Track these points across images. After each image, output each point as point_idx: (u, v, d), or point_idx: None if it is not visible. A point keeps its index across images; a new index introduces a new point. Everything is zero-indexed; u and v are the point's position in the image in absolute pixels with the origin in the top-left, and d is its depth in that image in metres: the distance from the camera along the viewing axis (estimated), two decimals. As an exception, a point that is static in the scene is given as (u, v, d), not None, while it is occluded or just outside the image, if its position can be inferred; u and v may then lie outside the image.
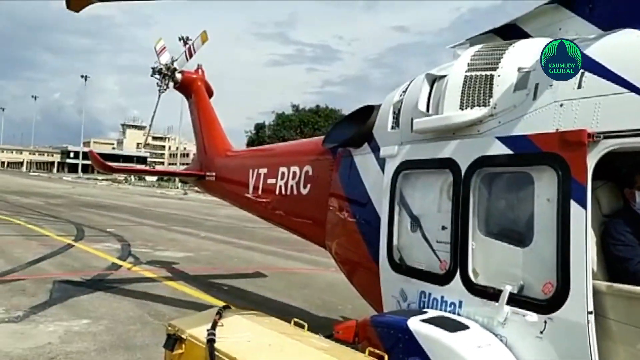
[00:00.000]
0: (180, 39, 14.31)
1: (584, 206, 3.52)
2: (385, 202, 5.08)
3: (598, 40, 3.91)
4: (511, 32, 5.02)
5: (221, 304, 6.20)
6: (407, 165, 4.93)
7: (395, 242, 4.96)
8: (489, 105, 4.24)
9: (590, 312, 3.45)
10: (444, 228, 4.51)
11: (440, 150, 4.57)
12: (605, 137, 3.50)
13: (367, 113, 5.81)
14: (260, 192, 8.19)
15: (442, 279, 4.43)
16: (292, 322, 5.04)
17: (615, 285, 3.57)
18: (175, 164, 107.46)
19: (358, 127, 5.82)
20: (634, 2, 4.06)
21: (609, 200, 3.96)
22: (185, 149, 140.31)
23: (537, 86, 3.99)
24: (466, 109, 4.34)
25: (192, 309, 8.85)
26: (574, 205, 3.57)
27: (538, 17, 4.82)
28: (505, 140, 4.09)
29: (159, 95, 11.45)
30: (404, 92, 5.22)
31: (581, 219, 3.52)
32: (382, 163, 5.30)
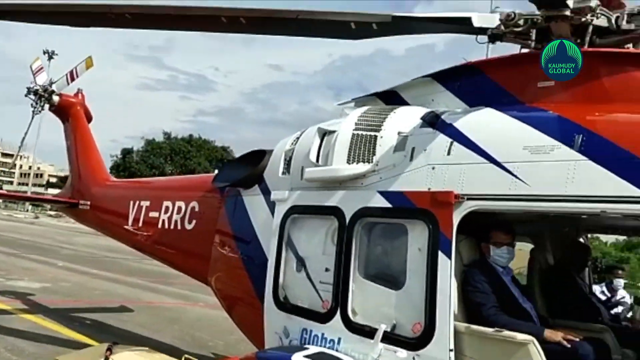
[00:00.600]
0: (44, 53, 13.74)
1: (449, 257, 4.11)
2: (273, 242, 5.39)
3: (465, 114, 4.62)
4: (391, 97, 5.68)
5: (84, 339, 6.04)
6: (296, 210, 5.30)
7: (281, 281, 5.27)
8: (372, 162, 4.77)
9: (452, 350, 3.99)
10: (327, 270, 4.91)
11: (327, 198, 5.00)
12: (468, 199, 4.14)
13: (258, 156, 6.14)
14: (140, 224, 8.10)
15: (324, 317, 4.80)
16: (184, 359, 5.11)
17: (472, 326, 4.17)
18: (27, 184, 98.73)
19: (249, 169, 6.11)
20: (493, 85, 4.86)
21: (468, 252, 4.61)
22: (39, 168, 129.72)
23: (413, 149, 4.59)
24: (352, 163, 4.84)
25: (53, 345, 8.35)
26: (441, 256, 4.14)
27: (414, 87, 5.53)
28: (385, 194, 4.62)
29: (32, 117, 10.87)
30: (296, 141, 5.63)
31: (446, 267, 4.10)
32: (271, 205, 5.62)
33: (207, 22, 5.51)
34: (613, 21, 4.51)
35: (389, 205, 4.58)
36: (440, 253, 4.15)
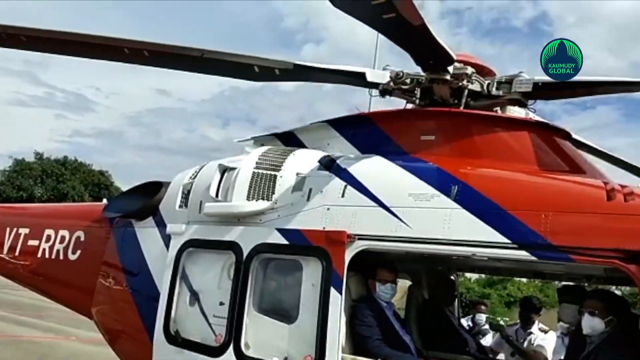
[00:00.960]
0: None
1: (340, 292, 4.42)
2: (167, 275, 5.40)
3: (357, 160, 5.03)
4: (289, 138, 6.02)
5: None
6: (193, 244, 5.37)
7: (173, 314, 5.27)
8: (271, 200, 5.02)
9: (339, 380, 4.27)
10: (222, 304, 5.02)
11: (225, 233, 5.15)
12: (359, 239, 4.50)
13: (154, 188, 6.13)
14: (18, 253, 7.61)
15: (216, 351, 4.88)
16: None
17: (359, 358, 4.49)
18: None
19: (144, 200, 6.08)
20: (382, 135, 5.35)
21: (356, 288, 4.97)
22: None
23: (310, 190, 4.91)
24: (252, 200, 5.05)
25: None
26: (332, 291, 4.44)
27: (311, 131, 5.91)
28: (282, 231, 4.87)
29: None
30: (195, 175, 5.73)
31: (337, 302, 4.41)
32: (166, 238, 5.64)
33: (108, 51, 5.51)
34: (485, 87, 5.22)
35: (285, 242, 4.83)
36: (332, 289, 4.45)
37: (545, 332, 6.58)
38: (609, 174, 5.06)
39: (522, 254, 3.95)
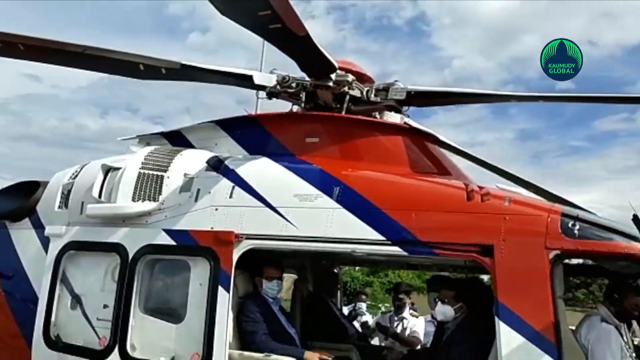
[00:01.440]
0: None
1: (228, 290, 4.56)
2: (46, 279, 5.22)
3: (245, 161, 5.18)
4: (176, 138, 6.02)
5: None
6: (74, 246, 5.23)
7: (53, 319, 5.11)
8: (158, 200, 5.03)
9: (225, 376, 4.42)
10: (105, 307, 4.96)
11: (110, 235, 5.08)
12: (247, 238, 4.67)
13: (30, 188, 5.86)
14: None
15: (101, 354, 4.83)
16: None
17: (245, 353, 4.67)
18: None
19: (19, 200, 5.79)
20: (269, 137, 5.54)
21: (243, 285, 5.12)
22: None
23: (198, 191, 4.99)
24: (138, 201, 5.03)
25: None
26: (220, 290, 4.57)
27: (199, 131, 5.95)
28: (170, 232, 4.91)
29: None
30: (75, 175, 5.56)
31: (225, 300, 4.54)
32: (44, 240, 5.43)
33: None
34: (364, 93, 5.57)
35: (173, 242, 4.87)
36: (220, 287, 4.58)
37: (416, 317, 7.18)
38: (470, 174, 5.62)
39: (395, 250, 4.34)
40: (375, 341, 7.42)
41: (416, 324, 7.05)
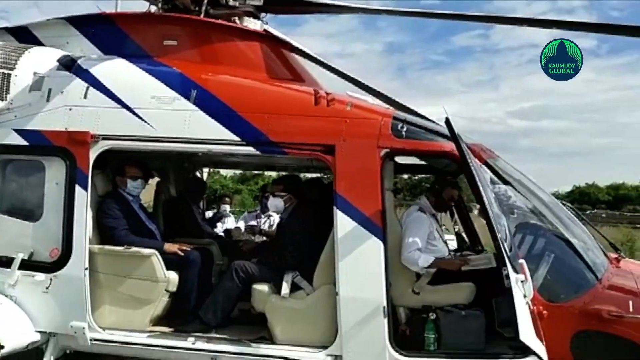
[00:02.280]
0: None
1: (86, 189, 4.70)
2: None
3: (100, 61, 5.14)
4: (23, 34, 5.71)
5: None
6: None
7: None
8: (6, 100, 4.89)
9: (87, 268, 4.65)
10: None
11: None
12: (103, 139, 4.76)
13: None
14: None
15: None
16: None
17: (106, 247, 4.91)
18: None
19: None
20: (125, 37, 5.47)
21: (103, 184, 5.22)
22: None
23: (50, 90, 4.92)
24: None
25: None
26: (78, 189, 4.69)
27: (49, 28, 5.69)
28: (22, 132, 4.85)
29: None
30: None
31: (83, 199, 4.68)
32: None
33: None
34: (223, -4, 5.62)
35: (25, 143, 4.83)
36: (77, 186, 4.69)
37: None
38: (323, 82, 6.04)
39: (250, 150, 4.72)
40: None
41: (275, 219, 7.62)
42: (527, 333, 3.74)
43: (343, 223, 4.46)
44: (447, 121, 4.13)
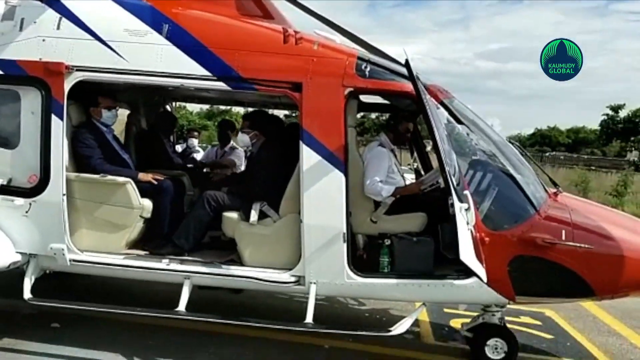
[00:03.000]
0: None
1: (62, 118, 4.88)
2: None
3: None
4: None
5: None
6: None
7: None
8: None
9: (64, 194, 4.91)
10: None
11: None
12: (77, 70, 4.90)
13: None
14: None
15: None
16: None
17: (82, 174, 5.16)
18: None
19: None
20: None
21: (77, 115, 5.40)
22: None
23: (22, 20, 5.00)
24: None
25: None
26: (54, 118, 4.87)
27: None
28: None
29: None
30: None
31: (59, 128, 4.88)
32: None
33: None
34: None
35: (0, 72, 4.93)
36: (53, 116, 4.87)
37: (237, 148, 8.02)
38: (292, 19, 6.18)
39: (220, 85, 4.95)
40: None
41: (236, 152, 7.92)
42: (468, 255, 4.21)
43: (308, 157, 4.79)
44: (407, 63, 4.43)
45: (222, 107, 37.03)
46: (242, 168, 7.40)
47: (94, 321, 5.50)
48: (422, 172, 6.92)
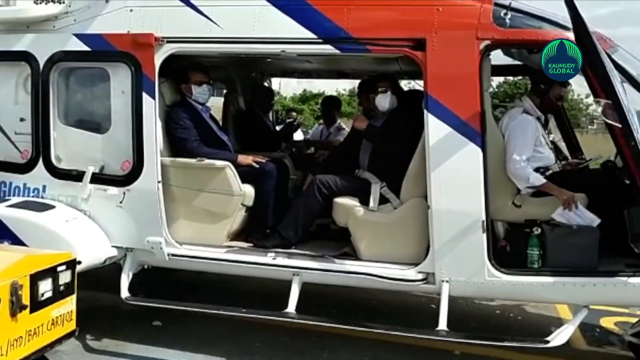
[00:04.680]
0: None
1: (153, 97, 4.36)
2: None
3: None
4: None
5: None
6: (-24, 58, 4.74)
7: None
8: (63, 2, 4.53)
9: (159, 182, 4.40)
10: (22, 120, 4.67)
11: (14, 43, 4.62)
12: (168, 42, 4.34)
13: None
14: None
15: (24, 168, 4.65)
16: None
17: (177, 159, 4.63)
18: None
19: None
20: None
21: (170, 93, 4.89)
22: None
23: None
24: (41, 3, 4.52)
25: None
26: (145, 97, 4.36)
27: None
28: (82, 37, 4.51)
29: None
30: None
31: (151, 108, 4.36)
32: None
33: None
34: None
35: (87, 48, 4.50)
36: (144, 94, 4.36)
37: (344, 128, 7.28)
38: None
39: (327, 48, 4.18)
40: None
41: (343, 133, 7.16)
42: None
43: (436, 128, 3.93)
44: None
45: (315, 91, 36.77)
46: None
47: (197, 318, 4.98)
48: (561, 147, 5.81)
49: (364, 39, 4.10)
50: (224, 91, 6.65)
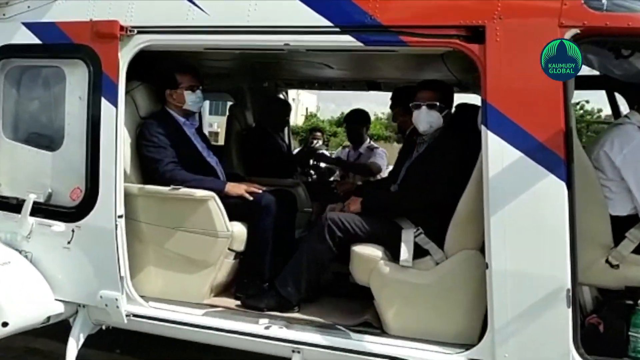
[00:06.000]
0: None
1: (115, 104, 3.28)
2: None
3: None
4: None
5: None
6: None
7: None
8: None
9: (120, 216, 3.29)
10: None
11: None
12: (139, 32, 3.28)
13: None
14: None
15: None
16: None
17: (147, 187, 3.51)
18: None
19: None
20: None
21: (146, 102, 3.80)
22: None
23: None
24: None
25: None
26: (104, 104, 3.29)
27: None
28: (33, 27, 3.49)
29: None
30: None
31: (111, 118, 3.28)
32: None
33: None
34: None
35: (38, 41, 3.48)
36: (103, 100, 3.29)
37: (377, 147, 6.06)
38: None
39: (347, 40, 3.02)
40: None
41: (377, 153, 5.93)
42: None
43: (499, 152, 2.73)
44: None
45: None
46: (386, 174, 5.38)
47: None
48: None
49: (397, 27, 2.94)
50: (229, 104, 5.58)
